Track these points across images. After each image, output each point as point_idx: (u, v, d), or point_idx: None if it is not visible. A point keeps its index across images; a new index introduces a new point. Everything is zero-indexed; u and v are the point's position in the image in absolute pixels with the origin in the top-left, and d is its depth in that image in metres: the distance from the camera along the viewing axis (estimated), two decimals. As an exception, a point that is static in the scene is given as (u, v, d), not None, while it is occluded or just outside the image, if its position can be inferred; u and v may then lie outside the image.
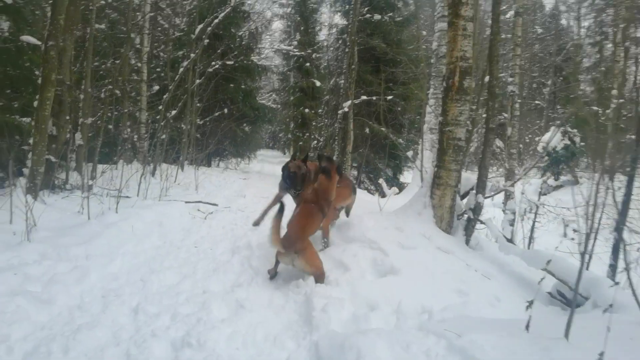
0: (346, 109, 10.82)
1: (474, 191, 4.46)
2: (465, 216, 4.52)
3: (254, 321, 2.54)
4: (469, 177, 4.88)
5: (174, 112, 10.75)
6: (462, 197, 4.82)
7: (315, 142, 18.80)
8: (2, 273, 2.61)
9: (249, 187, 9.39)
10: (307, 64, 22.03)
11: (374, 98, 11.47)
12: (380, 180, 11.44)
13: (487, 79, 5.23)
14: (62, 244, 3.49)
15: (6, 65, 6.12)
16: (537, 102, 25.26)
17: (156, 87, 14.03)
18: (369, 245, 3.88)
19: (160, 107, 9.14)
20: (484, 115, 5.38)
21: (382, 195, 12.38)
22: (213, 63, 11.74)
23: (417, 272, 3.48)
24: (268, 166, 18.33)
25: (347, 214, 4.86)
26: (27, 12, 6.07)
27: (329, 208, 3.65)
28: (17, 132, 6.12)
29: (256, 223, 4.47)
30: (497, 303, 3.09)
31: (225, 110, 13.26)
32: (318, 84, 22.08)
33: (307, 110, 22.13)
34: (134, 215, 4.76)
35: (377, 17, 13.54)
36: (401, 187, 14.19)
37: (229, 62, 12.29)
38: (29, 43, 5.50)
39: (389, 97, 11.60)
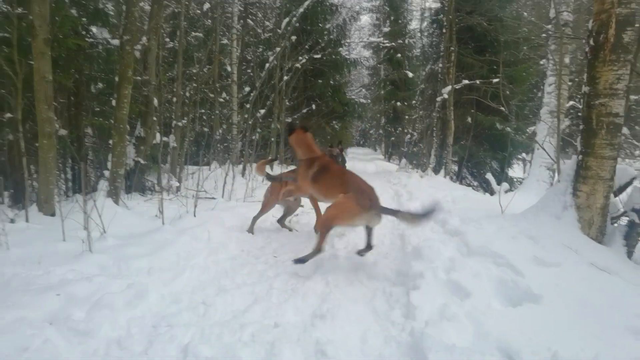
0: (445, 96, 9.62)
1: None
2: (626, 220, 3.27)
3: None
4: (625, 167, 3.59)
5: (262, 111, 10.54)
6: (616, 194, 3.55)
7: (409, 136, 17.59)
8: (44, 294, 2.22)
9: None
10: (398, 55, 20.94)
11: (477, 82, 10.05)
12: (488, 175, 10.04)
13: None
14: (126, 254, 3.12)
15: (100, 69, 6.23)
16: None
17: (247, 89, 14.17)
18: (493, 261, 2.91)
19: (248, 106, 8.90)
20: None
21: (491, 192, 10.89)
22: (300, 57, 11.31)
23: (566, 300, 2.46)
24: (359, 164, 17.57)
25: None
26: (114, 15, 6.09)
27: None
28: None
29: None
30: None
31: (314, 107, 12.81)
32: (410, 75, 20.88)
33: (398, 103, 21.04)
34: (213, 219, 4.35)
35: (476, -8, 11.98)
36: (511, 182, 12.46)
37: (316, 56, 11.78)
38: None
39: (495, 80, 10.05)
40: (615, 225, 3.32)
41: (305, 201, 5.01)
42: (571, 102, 20.44)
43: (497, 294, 2.61)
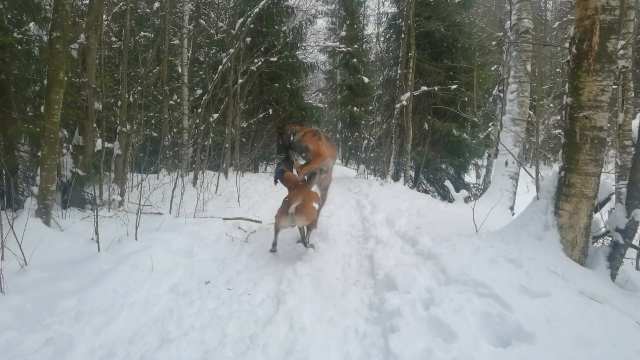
0: (404, 103, 9.49)
1: (622, 204, 3.05)
2: (609, 240, 3.12)
3: None
4: (604, 182, 3.46)
5: (215, 115, 9.96)
6: (596, 210, 3.41)
7: (366, 141, 17.53)
8: None
9: (298, 195, 8.36)
10: (354, 60, 20.94)
11: (436, 88, 10.04)
12: (447, 183, 10.04)
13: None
14: (51, 292, 2.57)
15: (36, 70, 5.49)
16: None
17: (199, 92, 13.45)
18: (475, 291, 2.63)
19: (200, 110, 8.31)
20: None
21: (449, 199, 10.92)
22: (255, 60, 10.83)
23: (560, 337, 2.21)
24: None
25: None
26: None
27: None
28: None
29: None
30: None
31: (270, 111, 12.35)
32: (366, 80, 20.94)
33: (355, 108, 21.02)
34: (158, 242, 3.81)
35: (434, -3, 12.06)
36: (467, 188, 12.61)
37: (272, 59, 11.33)
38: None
39: (453, 87, 10.10)
40: (597, 245, 3.17)
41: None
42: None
43: (483, 332, 2.32)
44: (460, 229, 4.09)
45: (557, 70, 24.77)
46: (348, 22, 21.70)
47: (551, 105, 20.54)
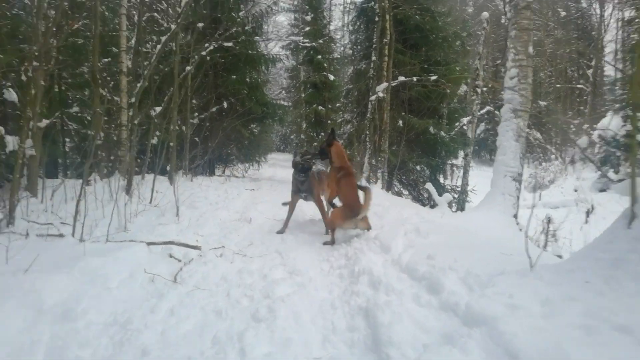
0: (380, 94, 8.26)
1: None
2: None
3: None
4: None
5: (158, 108, 8.34)
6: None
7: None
8: None
9: (257, 203, 6.91)
10: (319, 57, 19.78)
11: (414, 79, 8.87)
12: (428, 185, 8.88)
13: None
14: None
15: None
16: (580, 85, 22.33)
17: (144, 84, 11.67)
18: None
19: (133, 100, 6.70)
20: None
21: (431, 204, 9.77)
22: (207, 45, 9.28)
23: None
24: (281, 171, 15.78)
25: None
26: None
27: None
28: None
29: (280, 231, 4.61)
30: None
31: (225, 104, 10.80)
32: (332, 77, 19.84)
33: (320, 107, 19.83)
34: (20, 294, 2.30)
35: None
36: (446, 191, 11.55)
37: (226, 44, 9.80)
38: None
39: (434, 77, 8.98)
40: None
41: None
42: (487, 108, 20.75)
43: None
44: (487, 256, 2.82)
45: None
46: (312, 15, 20.52)
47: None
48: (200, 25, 10.33)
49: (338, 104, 18.04)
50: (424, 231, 3.73)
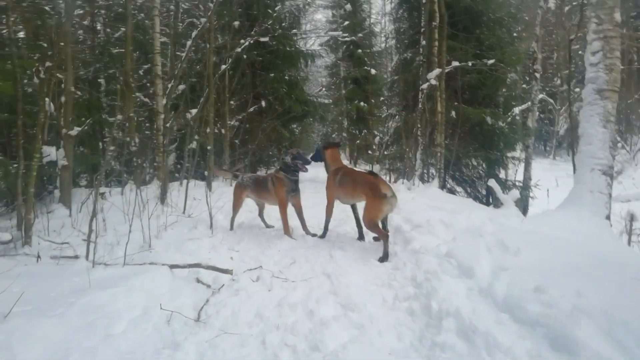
0: (433, 82, 7.36)
1: None
2: None
3: None
4: None
5: (193, 111, 7.93)
6: None
7: (379, 137, 15.41)
8: None
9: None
10: (359, 51, 18.97)
11: (469, 64, 7.88)
12: (491, 182, 7.86)
13: None
14: None
15: None
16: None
17: (182, 87, 11.38)
18: None
19: (164, 102, 6.25)
20: None
21: (495, 203, 8.70)
22: (242, 41, 8.76)
23: None
24: (324, 173, 15.10)
25: None
26: None
27: None
28: None
29: (322, 236, 4.50)
30: None
31: (263, 104, 10.25)
32: (373, 71, 18.95)
33: (362, 103, 18.98)
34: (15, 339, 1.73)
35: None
36: (508, 187, 10.37)
37: (263, 39, 9.23)
38: None
39: (491, 61, 7.94)
40: None
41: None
42: (540, 96, 18.96)
43: None
44: (618, 285, 1.96)
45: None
46: (350, 9, 19.73)
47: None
48: (236, 23, 9.88)
49: (382, 98, 17.12)
50: (513, 246, 2.88)
